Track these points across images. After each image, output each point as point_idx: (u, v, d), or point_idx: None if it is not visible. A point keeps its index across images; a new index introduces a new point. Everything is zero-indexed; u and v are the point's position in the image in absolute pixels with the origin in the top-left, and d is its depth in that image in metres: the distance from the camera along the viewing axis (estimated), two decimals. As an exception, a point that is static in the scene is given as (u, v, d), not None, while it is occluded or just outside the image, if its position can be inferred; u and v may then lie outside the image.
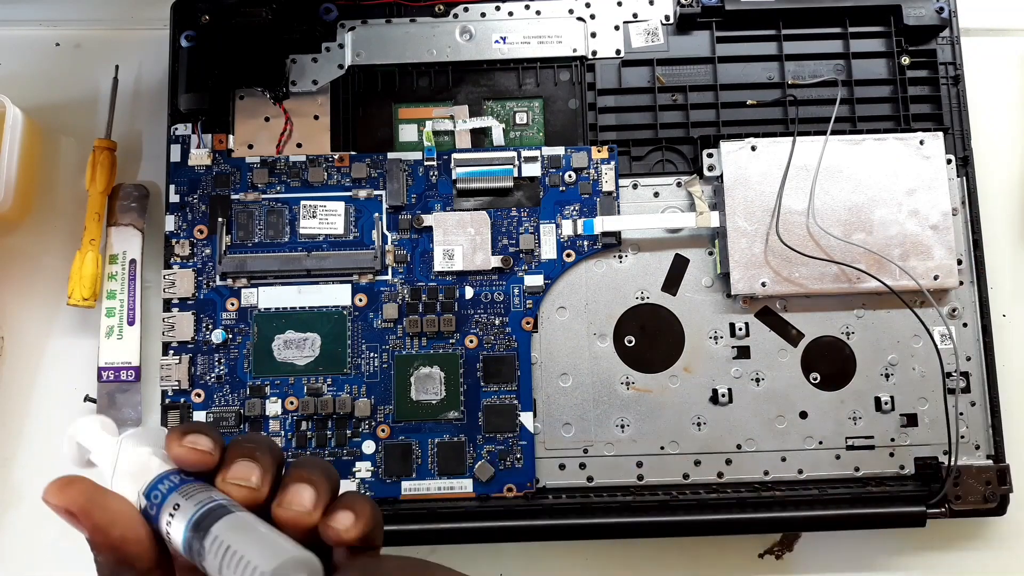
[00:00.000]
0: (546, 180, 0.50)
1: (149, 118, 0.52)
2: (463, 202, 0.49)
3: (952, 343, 0.48)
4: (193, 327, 0.48)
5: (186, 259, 0.49)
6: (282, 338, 0.48)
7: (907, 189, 0.48)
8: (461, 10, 0.51)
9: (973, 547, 0.50)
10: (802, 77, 0.51)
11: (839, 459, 0.48)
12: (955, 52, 0.51)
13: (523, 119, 0.51)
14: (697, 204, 0.49)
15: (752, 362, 0.48)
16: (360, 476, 0.47)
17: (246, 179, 0.50)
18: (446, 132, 0.51)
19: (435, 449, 0.47)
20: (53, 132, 0.53)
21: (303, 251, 0.49)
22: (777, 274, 0.48)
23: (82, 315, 0.50)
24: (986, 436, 0.48)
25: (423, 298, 0.48)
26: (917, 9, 0.51)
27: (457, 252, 0.49)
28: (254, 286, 0.49)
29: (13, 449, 0.50)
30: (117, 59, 0.52)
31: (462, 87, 0.51)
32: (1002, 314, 0.51)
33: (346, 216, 0.49)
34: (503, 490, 0.47)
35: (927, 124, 0.50)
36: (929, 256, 0.48)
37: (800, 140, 0.49)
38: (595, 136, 0.50)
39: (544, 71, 0.51)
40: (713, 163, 0.49)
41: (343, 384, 0.48)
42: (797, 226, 0.48)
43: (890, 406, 0.48)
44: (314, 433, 0.47)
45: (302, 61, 0.51)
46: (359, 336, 0.48)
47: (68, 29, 0.54)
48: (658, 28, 0.52)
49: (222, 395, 0.48)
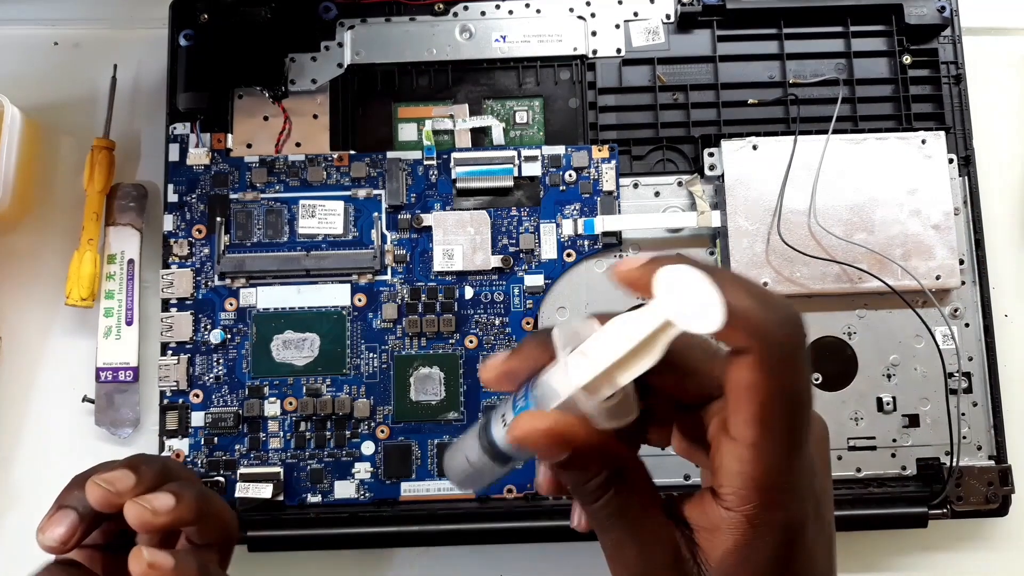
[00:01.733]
0: (546, 179, 0.49)
1: (148, 117, 0.52)
2: (463, 202, 0.49)
3: (954, 343, 0.48)
4: (191, 327, 0.48)
5: (184, 259, 0.49)
6: (281, 338, 0.48)
7: (909, 188, 0.48)
8: (461, 9, 0.51)
9: (975, 548, 0.50)
10: (803, 76, 0.51)
11: (841, 460, 0.48)
12: (957, 51, 0.51)
13: (523, 118, 0.51)
14: (698, 204, 0.49)
15: (753, 362, 0.48)
16: (359, 477, 0.47)
17: (245, 178, 0.49)
18: (446, 131, 0.50)
19: (435, 450, 0.47)
20: (52, 131, 0.53)
21: (302, 251, 0.49)
22: (778, 274, 0.48)
23: (80, 315, 0.50)
24: (988, 437, 0.48)
25: (423, 298, 0.48)
26: (919, 8, 0.51)
27: (457, 252, 0.48)
28: (253, 286, 0.48)
29: (11, 449, 0.50)
30: (116, 58, 0.52)
31: (462, 86, 0.51)
32: (1004, 314, 0.51)
33: (345, 216, 0.49)
34: (503, 491, 0.47)
35: (929, 123, 0.50)
36: (931, 256, 0.48)
37: (801, 139, 0.49)
38: (596, 135, 0.50)
39: (544, 70, 0.51)
40: (714, 162, 0.49)
41: (342, 384, 0.48)
42: (798, 226, 0.48)
43: (892, 406, 0.48)
44: (313, 434, 0.47)
45: (301, 60, 0.51)
46: (358, 336, 0.48)
47: (67, 28, 0.54)
48: (659, 27, 0.51)
49: (221, 395, 0.48)
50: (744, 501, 0.24)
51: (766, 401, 0.23)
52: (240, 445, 0.47)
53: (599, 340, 0.25)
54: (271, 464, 0.47)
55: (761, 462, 0.23)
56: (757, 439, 0.23)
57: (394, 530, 0.46)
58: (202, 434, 0.47)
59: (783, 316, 0.23)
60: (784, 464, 0.24)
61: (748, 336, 0.22)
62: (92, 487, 0.30)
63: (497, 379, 0.28)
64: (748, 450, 0.23)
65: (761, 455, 0.23)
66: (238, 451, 0.47)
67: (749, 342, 0.23)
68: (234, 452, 0.47)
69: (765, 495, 0.24)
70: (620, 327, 0.24)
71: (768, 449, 0.23)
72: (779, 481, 0.24)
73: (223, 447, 0.47)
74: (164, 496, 0.31)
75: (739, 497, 0.24)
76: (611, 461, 0.25)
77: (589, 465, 0.25)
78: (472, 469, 0.30)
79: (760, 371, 0.23)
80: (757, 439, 0.23)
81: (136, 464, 0.32)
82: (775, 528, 0.24)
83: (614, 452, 0.25)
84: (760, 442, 0.23)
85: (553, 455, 0.25)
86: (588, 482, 0.25)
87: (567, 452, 0.24)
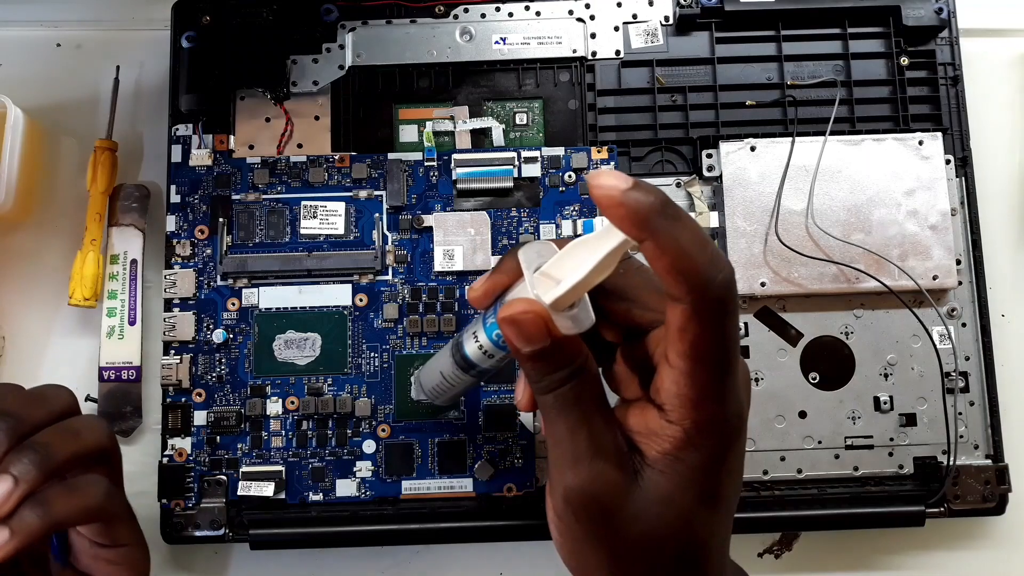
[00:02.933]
0: (546, 180, 0.50)
1: (150, 119, 0.53)
2: (463, 202, 0.50)
3: (951, 343, 0.49)
4: (194, 327, 0.48)
5: (187, 259, 0.49)
6: (283, 338, 0.48)
7: (906, 189, 0.48)
8: (461, 11, 0.52)
9: (972, 547, 0.50)
10: (801, 78, 0.51)
11: (838, 459, 0.48)
12: (954, 52, 0.51)
13: (523, 119, 0.51)
14: (696, 204, 0.49)
15: (751, 362, 0.49)
16: (361, 475, 0.47)
17: (247, 179, 0.50)
18: (446, 132, 0.51)
19: (435, 449, 0.47)
20: (54, 133, 0.53)
21: (304, 251, 0.49)
22: (776, 274, 0.48)
23: (83, 315, 0.51)
24: (985, 436, 0.48)
25: (423, 298, 0.48)
26: (916, 10, 0.51)
27: (457, 252, 0.49)
28: (255, 286, 0.49)
29: (14, 449, 0.50)
30: (118, 60, 0.53)
31: (462, 88, 0.51)
32: (1001, 314, 0.52)
33: (346, 216, 0.49)
34: (503, 490, 0.47)
35: (926, 124, 0.50)
36: (928, 256, 0.48)
37: (799, 140, 0.49)
38: (595, 137, 0.51)
39: (544, 72, 0.52)
40: (712, 163, 0.50)
41: (343, 384, 0.48)
42: (796, 226, 0.48)
43: (889, 406, 0.48)
44: (314, 433, 0.47)
45: (302, 62, 0.51)
46: (359, 336, 0.48)
47: (69, 30, 0.54)
48: (657, 29, 0.52)
49: (223, 395, 0.48)
50: (683, 417, 0.29)
51: (696, 342, 0.27)
52: (242, 444, 0.47)
53: (561, 260, 0.30)
54: (273, 463, 0.47)
55: (694, 388, 0.28)
56: (691, 370, 0.28)
57: (395, 528, 0.46)
58: (204, 433, 0.47)
59: (715, 274, 0.27)
60: (714, 390, 0.28)
61: (685, 290, 0.27)
62: None
63: (482, 297, 0.34)
64: (684, 377, 0.28)
65: (694, 382, 0.28)
66: (240, 450, 0.47)
67: (684, 295, 0.27)
68: (236, 451, 0.47)
69: (699, 414, 0.28)
70: (578, 249, 0.29)
71: (700, 379, 0.28)
72: (710, 405, 0.28)
73: (225, 446, 0.47)
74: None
75: (678, 414, 0.29)
76: (576, 356, 0.30)
77: (559, 360, 0.30)
78: (445, 382, 0.38)
79: (692, 319, 0.27)
80: (691, 370, 0.28)
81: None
82: (706, 439, 0.29)
83: (579, 349, 0.30)
84: (693, 372, 0.28)
85: (535, 341, 0.29)
86: (554, 372, 0.30)
87: (548, 339, 0.29)
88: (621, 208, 0.26)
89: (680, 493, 0.29)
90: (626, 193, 0.26)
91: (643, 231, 0.26)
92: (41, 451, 0.32)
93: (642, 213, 0.26)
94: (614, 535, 0.30)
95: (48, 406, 0.35)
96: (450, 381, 0.37)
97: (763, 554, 0.50)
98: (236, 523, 0.47)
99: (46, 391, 0.36)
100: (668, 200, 0.27)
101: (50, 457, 0.32)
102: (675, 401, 0.29)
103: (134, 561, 0.37)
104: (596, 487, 0.29)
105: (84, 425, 0.35)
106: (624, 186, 0.26)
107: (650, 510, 0.29)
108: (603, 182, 0.26)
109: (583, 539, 0.31)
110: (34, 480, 0.31)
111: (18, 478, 0.31)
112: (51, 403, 0.35)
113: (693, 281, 0.26)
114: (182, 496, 0.47)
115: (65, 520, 0.33)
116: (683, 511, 0.29)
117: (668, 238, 0.26)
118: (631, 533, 0.30)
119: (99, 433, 0.36)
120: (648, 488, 0.29)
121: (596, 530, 0.30)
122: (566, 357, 0.30)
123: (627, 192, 0.26)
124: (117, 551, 0.36)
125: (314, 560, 0.49)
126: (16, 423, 0.33)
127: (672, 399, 0.29)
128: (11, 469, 0.31)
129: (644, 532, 0.30)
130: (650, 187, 0.26)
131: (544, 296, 0.29)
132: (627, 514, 0.30)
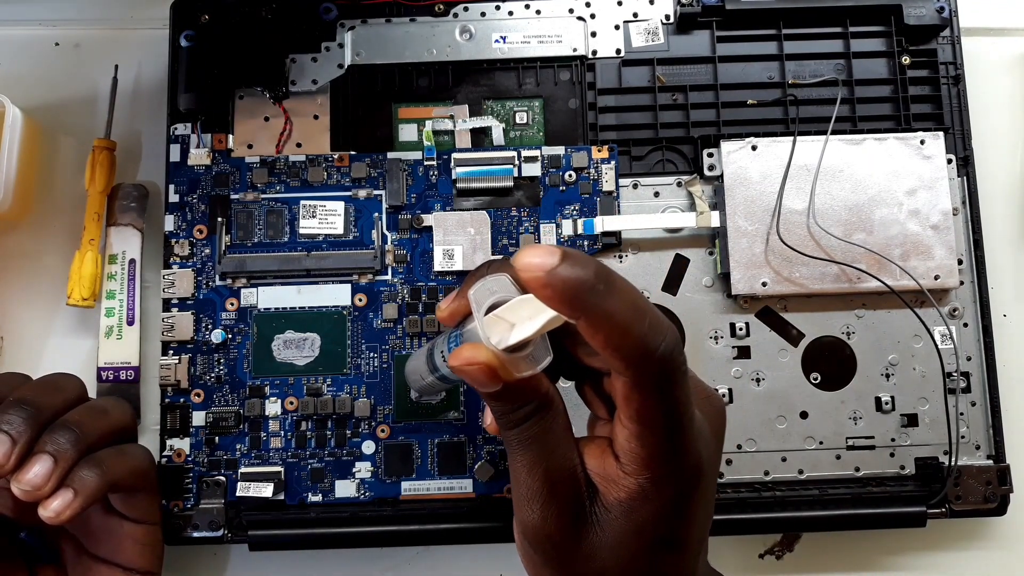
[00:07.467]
0: (546, 180, 0.49)
1: (148, 118, 0.52)
2: (463, 202, 0.49)
3: (953, 343, 0.48)
4: (193, 327, 0.48)
5: (185, 259, 0.49)
6: (282, 338, 0.48)
7: (907, 189, 0.48)
8: (461, 9, 0.51)
9: (973, 547, 0.50)
10: (802, 77, 0.51)
11: (839, 459, 0.48)
12: (956, 52, 0.51)
13: (523, 119, 0.51)
14: (697, 204, 0.49)
15: (752, 362, 0.48)
16: (360, 476, 0.47)
17: (246, 179, 0.49)
18: (446, 132, 0.51)
19: (435, 449, 0.47)
20: (52, 132, 0.53)
21: (303, 251, 0.49)
22: (777, 274, 0.48)
23: (81, 315, 0.50)
24: (986, 436, 0.48)
25: (423, 298, 0.48)
26: (917, 9, 0.51)
27: (457, 252, 0.49)
28: (254, 286, 0.49)
29: (12, 449, 0.50)
30: (116, 59, 0.52)
31: (462, 87, 0.51)
32: (1003, 314, 0.51)
33: (346, 216, 0.49)
34: (503, 490, 0.47)
35: (927, 124, 0.50)
36: (929, 256, 0.48)
37: (800, 140, 0.49)
38: (595, 136, 0.50)
39: (544, 71, 0.51)
40: (713, 163, 0.49)
41: (343, 384, 0.48)
42: (797, 226, 0.48)
43: (890, 406, 0.48)
44: (314, 433, 0.47)
45: (302, 61, 0.51)
46: (359, 336, 0.48)
47: (67, 29, 0.54)
48: (658, 28, 0.52)
49: (222, 395, 0.48)
50: (637, 472, 0.29)
51: (641, 410, 0.27)
52: (241, 444, 0.47)
53: (516, 306, 0.29)
54: (272, 463, 0.47)
55: (644, 449, 0.28)
56: (639, 433, 0.28)
57: (395, 529, 0.46)
58: (203, 433, 0.47)
59: (655, 346, 0.26)
60: (665, 450, 0.28)
61: (623, 366, 0.26)
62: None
63: (448, 318, 0.34)
64: (634, 438, 0.28)
65: (644, 444, 0.28)
66: (239, 450, 0.47)
67: (623, 370, 0.26)
68: (235, 451, 0.47)
69: (651, 472, 0.28)
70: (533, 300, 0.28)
71: (650, 441, 0.28)
72: (662, 464, 0.28)
73: (224, 446, 0.47)
74: (40, 465, 0.32)
75: (632, 468, 0.29)
76: (534, 393, 0.30)
77: (516, 398, 0.29)
78: (425, 383, 0.39)
79: (634, 390, 0.27)
80: (639, 433, 0.28)
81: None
82: (661, 492, 0.29)
83: (538, 388, 0.30)
84: (642, 436, 0.28)
85: (486, 386, 0.29)
86: (513, 411, 0.30)
87: (499, 385, 0.28)
88: (547, 289, 0.25)
89: (636, 539, 0.29)
90: (551, 273, 0.25)
91: (574, 310, 0.25)
92: (76, 430, 0.34)
93: (569, 292, 0.25)
94: (570, 570, 0.30)
95: (64, 393, 0.36)
96: (427, 382, 0.39)
97: (764, 555, 0.50)
98: (235, 524, 0.47)
99: (58, 379, 0.38)
100: (600, 271, 0.25)
101: (84, 435, 0.34)
102: (628, 456, 0.29)
103: (156, 543, 0.39)
104: (549, 528, 0.30)
105: (111, 405, 0.38)
106: (550, 264, 0.25)
107: (605, 550, 0.29)
108: (527, 261, 0.25)
109: (542, 566, 0.31)
110: (71, 458, 0.33)
111: (56, 456, 0.33)
112: (66, 391, 0.37)
113: (631, 356, 0.26)
114: (181, 497, 0.46)
115: (119, 480, 0.35)
116: (639, 553, 0.29)
117: (600, 315, 0.25)
118: (587, 569, 0.30)
119: (125, 413, 0.38)
120: (604, 529, 0.29)
121: (551, 563, 0.31)
122: (524, 396, 0.29)
123: (552, 272, 0.25)
124: (145, 529, 0.38)
125: (313, 561, 0.49)
126: (36, 411, 0.34)
127: (625, 454, 0.29)
128: (47, 447, 0.33)
129: (600, 570, 0.30)
130: (581, 259, 0.25)
131: (495, 340, 0.29)
132: (581, 553, 0.30)
